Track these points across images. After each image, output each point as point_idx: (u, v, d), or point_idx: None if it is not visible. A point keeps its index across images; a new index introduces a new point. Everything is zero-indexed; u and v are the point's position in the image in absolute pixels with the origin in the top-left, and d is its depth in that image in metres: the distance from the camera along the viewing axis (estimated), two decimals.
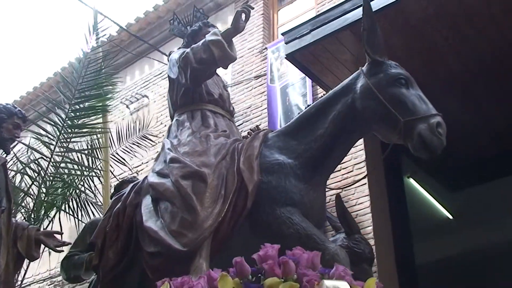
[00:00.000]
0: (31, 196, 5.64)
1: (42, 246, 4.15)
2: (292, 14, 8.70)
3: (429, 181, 7.02)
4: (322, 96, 6.83)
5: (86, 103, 5.66)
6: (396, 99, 2.95)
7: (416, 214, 6.32)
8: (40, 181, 5.62)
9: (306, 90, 7.27)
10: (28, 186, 5.71)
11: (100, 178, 5.69)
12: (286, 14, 8.98)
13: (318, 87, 6.29)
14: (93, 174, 5.82)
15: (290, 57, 5.22)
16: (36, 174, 5.68)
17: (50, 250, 4.27)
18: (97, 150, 5.67)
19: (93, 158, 5.76)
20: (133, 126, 6.81)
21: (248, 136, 3.64)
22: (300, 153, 3.18)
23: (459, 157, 5.59)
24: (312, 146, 3.17)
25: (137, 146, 6.71)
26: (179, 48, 4.06)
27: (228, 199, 3.05)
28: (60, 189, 5.84)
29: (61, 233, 4.38)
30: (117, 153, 6.37)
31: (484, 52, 4.89)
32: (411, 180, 6.95)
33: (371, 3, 4.54)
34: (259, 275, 1.97)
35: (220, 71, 4.09)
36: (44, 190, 5.62)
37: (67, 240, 4.26)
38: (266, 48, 8.13)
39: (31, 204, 5.65)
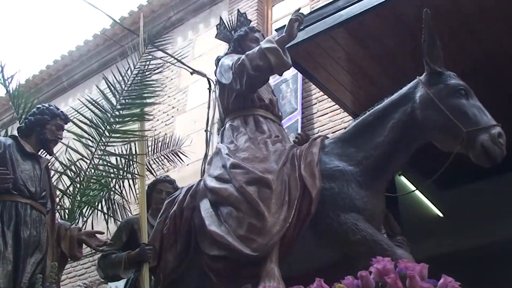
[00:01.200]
0: (68, 196, 5.71)
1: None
2: (286, 10, 8.71)
3: (420, 179, 7.04)
4: (315, 93, 7.06)
5: (126, 111, 5.74)
6: (457, 110, 3.03)
7: (407, 213, 6.32)
8: (79, 182, 5.72)
9: (297, 86, 7.30)
10: (67, 186, 5.79)
11: (135, 180, 5.70)
12: (280, 10, 9.00)
13: (310, 83, 6.29)
14: (129, 177, 5.90)
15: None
16: (75, 175, 5.77)
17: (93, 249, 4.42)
18: (134, 155, 5.66)
19: (131, 162, 5.85)
20: (168, 140, 6.96)
21: (296, 141, 3.78)
22: (360, 160, 3.25)
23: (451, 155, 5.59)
24: (372, 154, 3.24)
25: (167, 159, 6.87)
26: (227, 53, 4.18)
27: (293, 205, 3.12)
28: (96, 191, 5.93)
29: (102, 233, 4.50)
30: (148, 162, 6.48)
31: (477, 52, 4.88)
32: (402, 178, 6.96)
33: (364, 1, 4.62)
34: None
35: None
36: (81, 190, 5.71)
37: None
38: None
39: (67, 204, 5.74)
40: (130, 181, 5.93)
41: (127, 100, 5.72)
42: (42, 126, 4.14)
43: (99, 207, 5.89)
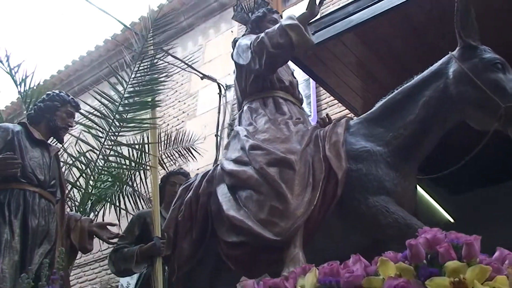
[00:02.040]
0: (78, 188, 5.58)
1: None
2: (296, 15, 8.63)
3: (431, 184, 6.89)
4: (325, 98, 6.95)
5: (136, 98, 5.59)
6: (494, 85, 2.82)
7: (417, 218, 6.20)
8: (89, 174, 5.58)
9: (310, 92, 7.24)
10: (76, 178, 5.65)
11: (147, 172, 5.59)
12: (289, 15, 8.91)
13: (320, 88, 6.27)
14: (141, 168, 5.77)
15: (294, 58, 5.15)
16: (84, 167, 5.63)
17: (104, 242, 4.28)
18: (146, 145, 5.55)
19: (142, 153, 5.70)
20: (181, 136, 6.84)
21: (319, 125, 3.54)
22: (388, 140, 3.03)
23: (461, 160, 5.48)
24: (402, 133, 3.02)
25: (178, 155, 6.73)
26: (244, 35, 3.98)
27: (318, 187, 2.91)
28: (107, 183, 5.79)
29: (114, 225, 4.36)
30: (161, 156, 6.33)
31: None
32: None
33: (374, 6, 4.56)
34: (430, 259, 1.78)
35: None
36: (92, 183, 5.58)
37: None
38: None
39: (78, 197, 5.62)
40: (142, 174, 5.78)
41: (135, 88, 5.56)
42: (52, 113, 4.01)
43: (116, 200, 5.74)
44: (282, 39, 3.42)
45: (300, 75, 6.92)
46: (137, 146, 5.64)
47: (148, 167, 5.26)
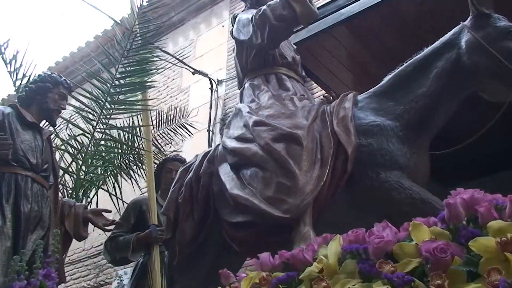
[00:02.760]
0: (70, 174, 5.35)
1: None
2: None
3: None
4: (317, 92, 6.86)
5: (128, 79, 5.36)
6: (509, 53, 2.70)
7: None
8: (81, 159, 5.34)
9: None
10: (68, 163, 5.41)
11: (142, 158, 5.40)
12: None
13: (312, 81, 6.21)
14: (135, 152, 5.56)
15: None
16: (76, 151, 5.40)
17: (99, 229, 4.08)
18: (138, 128, 5.37)
19: (135, 137, 5.50)
20: (173, 113, 6.62)
21: (322, 101, 3.44)
22: (399, 114, 2.92)
23: (454, 152, 5.49)
24: (414, 106, 2.90)
25: (174, 133, 6.52)
26: (244, 11, 3.81)
27: (327, 163, 2.78)
28: (100, 168, 5.58)
29: (109, 211, 4.15)
30: (155, 137, 6.15)
31: None
32: None
33: (364, 0, 4.53)
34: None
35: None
36: (84, 168, 5.36)
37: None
38: None
39: (70, 183, 5.37)
40: (137, 159, 5.60)
41: (126, 69, 5.35)
42: (43, 95, 3.82)
43: (108, 186, 5.53)
44: (285, 10, 3.28)
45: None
46: (130, 130, 5.44)
47: (142, 151, 5.08)
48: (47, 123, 3.99)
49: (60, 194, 4.18)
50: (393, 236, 1.70)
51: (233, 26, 3.74)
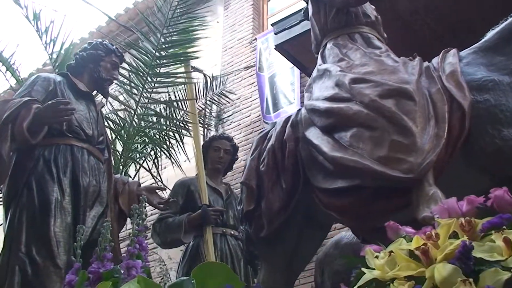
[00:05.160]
0: (113, 151, 4.98)
1: None
2: (282, 5, 8.65)
3: None
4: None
5: (171, 50, 5.11)
6: None
7: None
8: (125, 135, 5.04)
9: (294, 79, 7.25)
10: (112, 139, 5.04)
11: (183, 136, 5.19)
12: (276, 5, 8.91)
13: (306, 77, 6.10)
14: (181, 126, 5.29)
15: (280, 47, 5.30)
16: (119, 127, 5.11)
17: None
18: (183, 102, 5.14)
19: (178, 111, 5.29)
20: (209, 82, 6.39)
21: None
22: None
23: None
24: None
25: (213, 102, 6.36)
26: None
27: (444, 120, 2.53)
28: (139, 145, 5.29)
29: (164, 189, 3.97)
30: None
31: (472, 45, 4.89)
32: None
33: None
34: None
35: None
36: (128, 145, 5.07)
37: None
38: (255, 38, 8.11)
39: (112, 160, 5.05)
40: (178, 137, 5.35)
41: (169, 39, 5.10)
42: (96, 63, 3.56)
43: (151, 163, 5.27)
44: None
45: (285, 63, 7.04)
46: (174, 104, 5.19)
47: (187, 127, 4.80)
48: (98, 93, 3.74)
49: None
50: None
51: None
